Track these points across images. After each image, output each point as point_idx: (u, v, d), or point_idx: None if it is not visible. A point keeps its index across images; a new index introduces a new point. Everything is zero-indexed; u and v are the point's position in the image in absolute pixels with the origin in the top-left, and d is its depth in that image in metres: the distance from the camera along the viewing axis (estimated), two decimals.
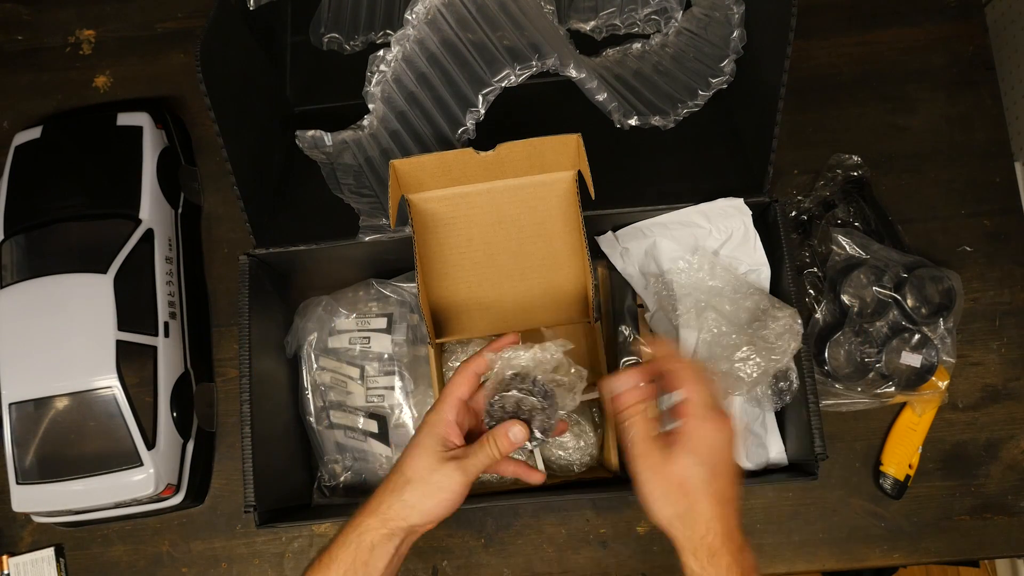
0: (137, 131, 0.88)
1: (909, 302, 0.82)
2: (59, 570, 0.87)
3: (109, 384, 0.77)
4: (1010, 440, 0.85)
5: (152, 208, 0.85)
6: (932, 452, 0.85)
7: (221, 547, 0.87)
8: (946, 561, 0.95)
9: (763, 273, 0.79)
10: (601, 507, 0.85)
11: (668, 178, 0.86)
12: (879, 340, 0.82)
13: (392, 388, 0.81)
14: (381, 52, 0.83)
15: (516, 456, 0.69)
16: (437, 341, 0.77)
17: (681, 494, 0.55)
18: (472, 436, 0.64)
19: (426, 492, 0.59)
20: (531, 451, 0.67)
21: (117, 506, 0.81)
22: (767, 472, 0.79)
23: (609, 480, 0.78)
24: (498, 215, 0.77)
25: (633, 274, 0.80)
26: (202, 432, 0.86)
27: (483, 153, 0.71)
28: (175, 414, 0.81)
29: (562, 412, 0.64)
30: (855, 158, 0.89)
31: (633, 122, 0.84)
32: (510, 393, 0.62)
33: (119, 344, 0.78)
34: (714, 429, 0.56)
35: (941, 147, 0.91)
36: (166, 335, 0.82)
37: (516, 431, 0.61)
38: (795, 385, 0.75)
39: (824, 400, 0.83)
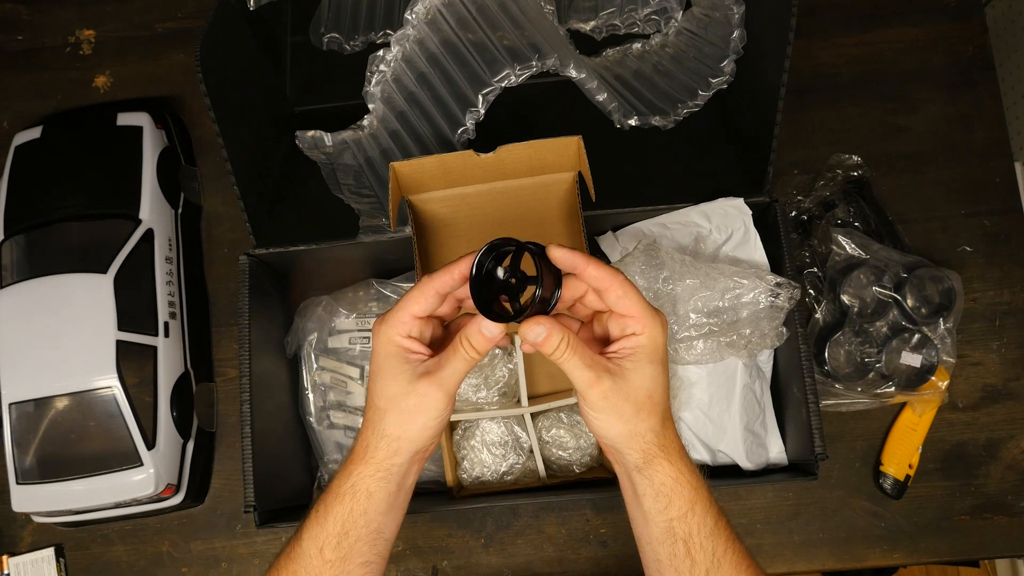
0: (137, 131, 0.88)
1: (909, 302, 0.82)
2: (59, 570, 0.87)
3: (109, 384, 0.77)
4: (1010, 440, 0.85)
5: (152, 208, 0.85)
6: (932, 452, 0.85)
7: (221, 547, 0.87)
8: (946, 561, 0.95)
9: None
10: (601, 507, 0.85)
11: (668, 178, 0.86)
12: (879, 340, 0.82)
13: None
14: (381, 52, 0.83)
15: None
16: None
17: (651, 406, 0.51)
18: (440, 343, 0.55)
19: (406, 419, 0.52)
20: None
21: (117, 506, 0.81)
22: (767, 472, 0.79)
23: (609, 480, 0.78)
24: (498, 215, 0.77)
25: (633, 274, 0.80)
26: (202, 432, 0.86)
27: (483, 155, 0.71)
28: (175, 414, 0.81)
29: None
30: (855, 158, 0.89)
31: (633, 122, 0.84)
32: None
33: (119, 344, 0.78)
34: (660, 372, 0.52)
35: (941, 147, 0.91)
36: (166, 335, 0.82)
37: (490, 326, 0.50)
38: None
39: (824, 400, 0.83)
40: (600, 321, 0.54)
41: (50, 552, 0.87)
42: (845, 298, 0.82)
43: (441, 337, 0.56)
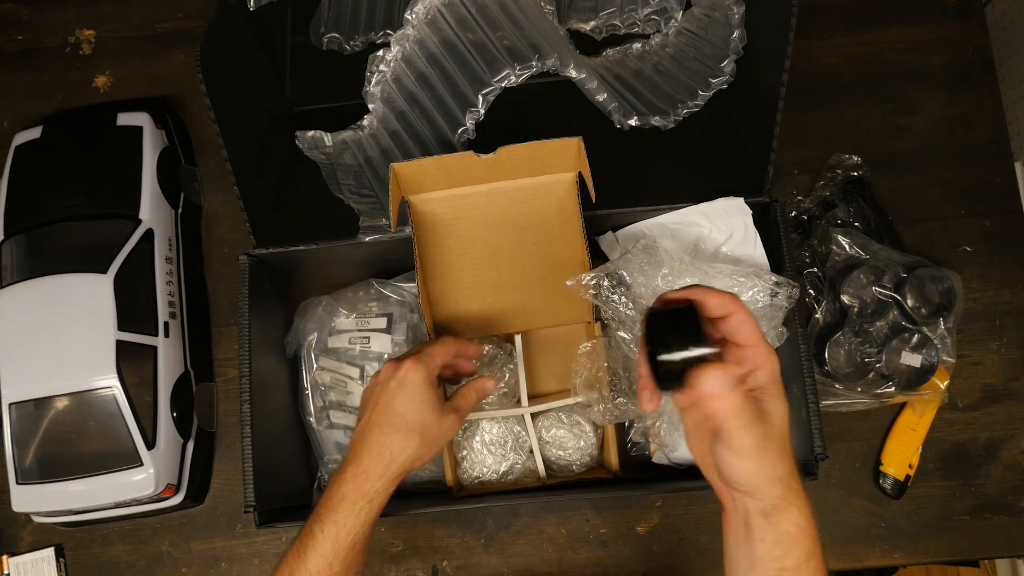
0: (137, 131, 0.88)
1: (909, 302, 0.82)
2: (59, 570, 0.87)
3: (109, 384, 0.77)
4: (1010, 440, 0.85)
5: (152, 208, 0.85)
6: (932, 452, 0.85)
7: (221, 547, 0.87)
8: (946, 561, 0.96)
9: None
10: (601, 507, 0.85)
11: (668, 178, 0.86)
12: (879, 340, 0.82)
13: None
14: (381, 52, 0.83)
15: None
16: None
17: (787, 447, 0.51)
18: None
19: (432, 442, 0.64)
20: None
21: (117, 506, 0.81)
22: None
23: (609, 480, 0.78)
24: (499, 216, 0.77)
25: (632, 272, 0.80)
26: (202, 432, 0.86)
27: (483, 156, 0.71)
28: (175, 414, 0.81)
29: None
30: (855, 158, 0.89)
31: (633, 122, 0.84)
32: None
33: (119, 344, 0.78)
34: (788, 409, 0.52)
35: (941, 147, 0.91)
36: (166, 335, 0.82)
37: (490, 385, 0.71)
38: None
39: (824, 400, 0.83)
40: None
41: (50, 552, 0.87)
42: (845, 298, 0.82)
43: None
